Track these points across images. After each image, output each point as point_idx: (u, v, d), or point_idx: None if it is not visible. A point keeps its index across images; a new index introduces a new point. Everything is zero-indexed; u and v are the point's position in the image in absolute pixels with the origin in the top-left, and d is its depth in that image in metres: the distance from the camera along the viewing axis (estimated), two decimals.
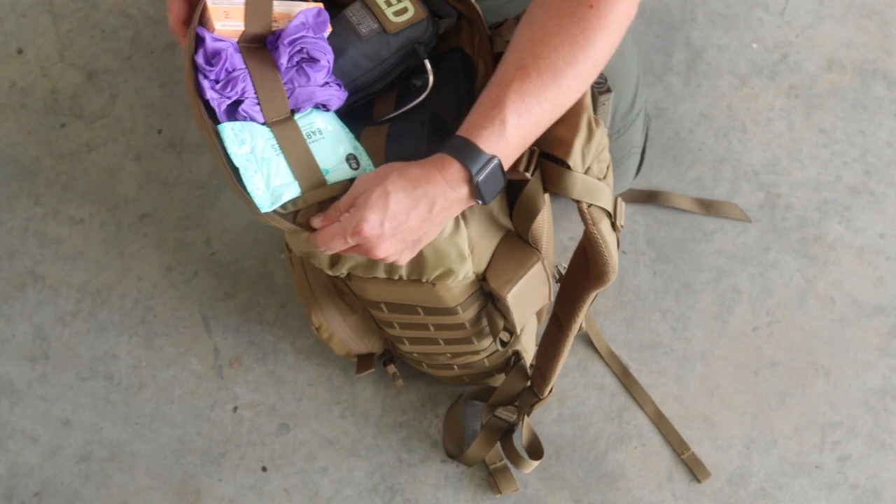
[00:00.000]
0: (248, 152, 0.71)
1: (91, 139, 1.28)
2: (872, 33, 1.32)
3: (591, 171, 0.75)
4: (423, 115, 0.78)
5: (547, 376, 0.96)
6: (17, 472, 1.13)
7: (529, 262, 0.81)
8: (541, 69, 0.70)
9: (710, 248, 1.21)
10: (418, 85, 0.79)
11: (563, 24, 0.70)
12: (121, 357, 1.17)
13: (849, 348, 1.16)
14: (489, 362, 1.01)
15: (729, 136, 1.27)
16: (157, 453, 1.13)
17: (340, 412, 1.15)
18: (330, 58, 0.75)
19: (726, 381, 1.15)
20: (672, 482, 1.11)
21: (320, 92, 0.75)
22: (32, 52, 1.33)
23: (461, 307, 0.85)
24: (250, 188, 0.71)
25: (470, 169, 0.69)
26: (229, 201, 1.25)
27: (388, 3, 0.79)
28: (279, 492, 1.11)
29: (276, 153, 0.72)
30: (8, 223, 1.24)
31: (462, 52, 0.81)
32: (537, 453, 1.08)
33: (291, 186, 0.72)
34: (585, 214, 0.75)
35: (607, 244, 0.76)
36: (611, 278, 0.79)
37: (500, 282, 0.80)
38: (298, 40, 0.74)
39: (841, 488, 1.10)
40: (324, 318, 0.95)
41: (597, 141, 0.75)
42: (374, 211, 0.68)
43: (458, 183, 0.69)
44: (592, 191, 0.74)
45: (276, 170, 0.72)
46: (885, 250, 1.21)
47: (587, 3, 0.70)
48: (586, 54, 0.70)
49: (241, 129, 0.72)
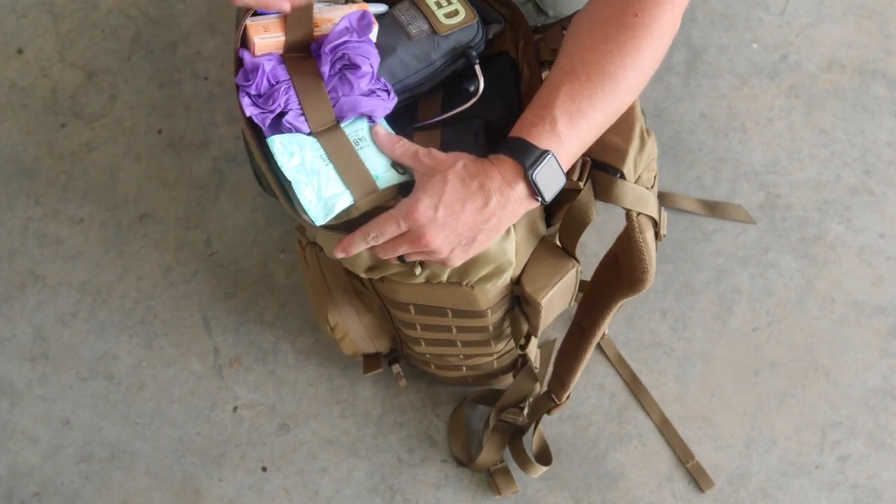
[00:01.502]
0: (298, 164, 0.71)
1: (91, 139, 1.28)
2: (872, 33, 1.32)
3: (641, 179, 0.75)
4: (475, 124, 0.77)
5: (566, 382, 0.96)
6: (18, 471, 1.13)
7: (565, 269, 0.81)
8: (590, 73, 0.70)
9: (710, 248, 1.21)
10: (471, 90, 0.78)
11: (609, 32, 0.71)
12: (121, 357, 1.18)
13: (849, 348, 1.16)
14: (497, 364, 1.01)
15: (729, 136, 1.27)
16: (157, 453, 1.13)
17: (340, 412, 1.15)
18: (374, 62, 0.73)
19: (726, 381, 1.15)
20: (672, 482, 1.11)
21: (365, 102, 0.73)
22: (32, 52, 1.33)
23: (491, 310, 0.85)
24: (303, 201, 0.70)
25: (523, 163, 0.68)
26: (229, 201, 1.25)
27: (438, 5, 0.78)
28: (279, 492, 1.11)
29: (324, 163, 0.71)
30: (8, 223, 1.24)
31: (508, 56, 0.81)
32: (546, 459, 1.08)
33: (344, 196, 0.71)
34: (634, 223, 0.75)
35: (650, 253, 0.77)
36: (647, 286, 0.79)
37: (535, 287, 0.80)
38: (340, 46, 0.72)
39: (841, 488, 1.10)
40: (340, 317, 0.94)
41: (648, 150, 0.75)
42: (429, 194, 0.68)
43: (514, 178, 0.69)
44: (641, 200, 0.75)
45: (326, 180, 0.71)
46: (885, 250, 1.21)
47: (632, 12, 0.71)
48: (634, 60, 0.71)
49: (290, 141, 0.71)
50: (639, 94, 0.74)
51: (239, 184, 1.25)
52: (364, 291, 0.92)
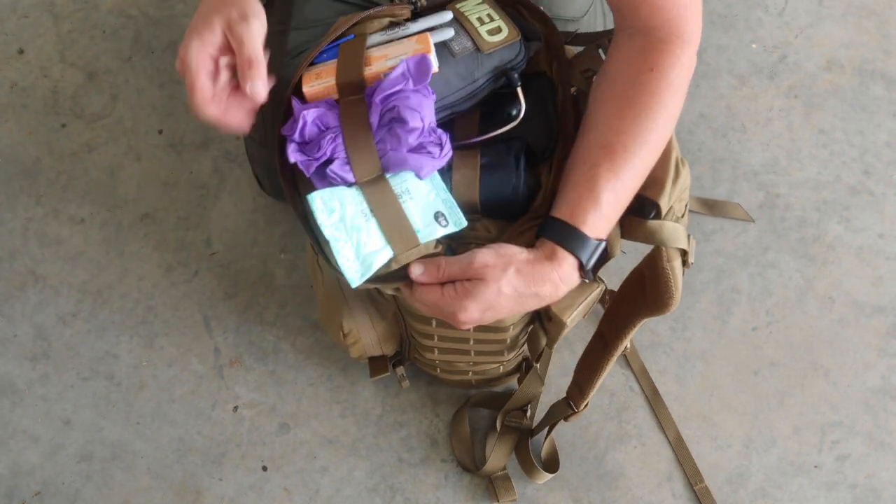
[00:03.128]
0: (338, 221, 0.68)
1: (91, 139, 1.29)
2: (871, 33, 1.32)
3: (673, 209, 0.75)
4: (515, 146, 0.75)
5: (585, 391, 0.96)
6: (19, 471, 1.13)
7: (590, 289, 0.81)
8: (625, 143, 0.71)
9: (710, 248, 1.21)
10: (513, 114, 0.76)
11: (630, 94, 0.72)
12: (121, 357, 1.18)
13: (848, 348, 1.16)
14: (503, 368, 1.02)
15: (728, 137, 1.27)
16: (157, 453, 1.13)
17: (340, 412, 1.15)
18: (427, 114, 0.69)
19: (726, 380, 1.15)
20: (672, 482, 1.11)
21: (413, 159, 0.69)
22: (33, 53, 1.34)
23: (513, 326, 0.85)
24: (340, 261, 0.68)
25: (581, 258, 0.70)
26: (229, 201, 1.25)
27: (481, 21, 0.76)
28: (279, 491, 1.11)
29: (366, 218, 0.69)
30: (9, 223, 1.24)
31: (546, 76, 0.79)
32: (553, 466, 1.08)
33: (384, 251, 0.69)
34: (662, 251, 0.75)
35: (676, 280, 0.77)
36: (672, 310, 0.79)
37: (561, 307, 0.79)
38: (392, 96, 0.69)
39: (840, 488, 1.10)
40: (354, 324, 0.93)
41: (682, 180, 0.75)
42: (479, 304, 0.69)
43: (571, 273, 0.70)
44: (672, 235, 0.75)
45: (366, 236, 0.68)
46: (885, 250, 1.21)
47: (647, 68, 0.72)
48: (662, 113, 0.72)
49: (331, 197, 0.68)
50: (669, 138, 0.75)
51: (239, 184, 1.26)
52: (380, 300, 0.91)
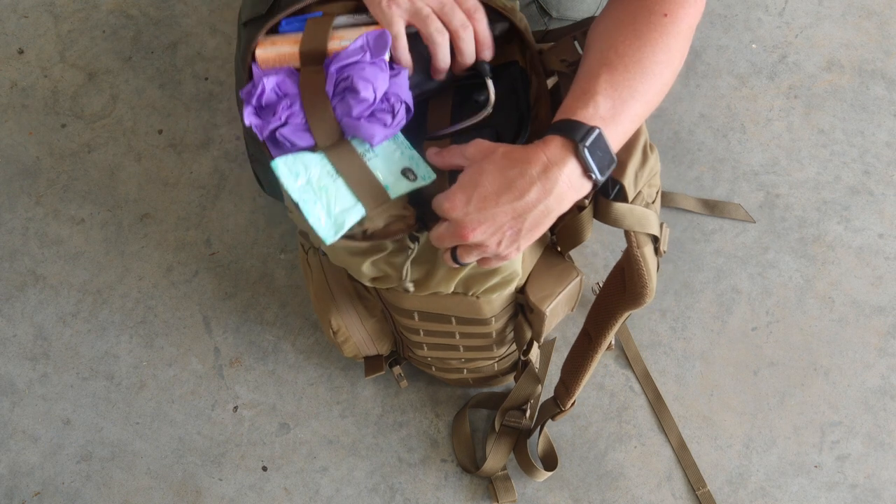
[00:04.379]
0: (305, 184, 0.70)
1: (92, 139, 1.29)
2: (871, 34, 1.32)
3: (642, 194, 0.75)
4: (486, 134, 0.76)
5: (571, 389, 0.96)
6: (18, 471, 1.13)
7: (569, 278, 0.81)
8: (627, 65, 0.70)
9: (710, 248, 1.21)
10: (481, 101, 0.77)
11: (640, 29, 0.72)
12: (121, 357, 1.18)
13: (848, 348, 1.16)
14: (498, 366, 1.02)
15: (728, 137, 1.27)
16: (157, 453, 1.13)
17: (340, 412, 1.15)
18: (379, 85, 0.71)
19: (726, 380, 1.15)
20: (672, 482, 1.11)
21: (364, 127, 0.71)
22: (33, 53, 1.34)
23: (495, 318, 0.85)
24: (312, 221, 0.69)
25: (573, 137, 0.66)
26: (229, 201, 1.25)
27: None
28: (279, 491, 1.11)
29: (333, 179, 0.71)
30: (9, 223, 1.24)
31: (517, 65, 0.80)
32: (552, 464, 1.08)
33: (355, 209, 0.70)
34: (632, 238, 0.75)
35: (649, 268, 0.77)
36: (647, 301, 0.79)
37: (539, 297, 0.80)
38: (347, 67, 0.71)
39: (840, 488, 1.10)
40: (343, 321, 0.94)
41: (650, 165, 0.75)
42: (463, 187, 0.67)
43: (563, 156, 0.67)
44: (642, 219, 0.75)
45: (335, 196, 0.70)
46: (884, 250, 1.21)
47: (661, 12, 0.72)
48: (667, 56, 0.72)
49: (294, 161, 0.70)
50: (668, 87, 0.74)
51: (239, 184, 1.26)
52: (367, 297, 0.92)
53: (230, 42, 1.34)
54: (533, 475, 1.08)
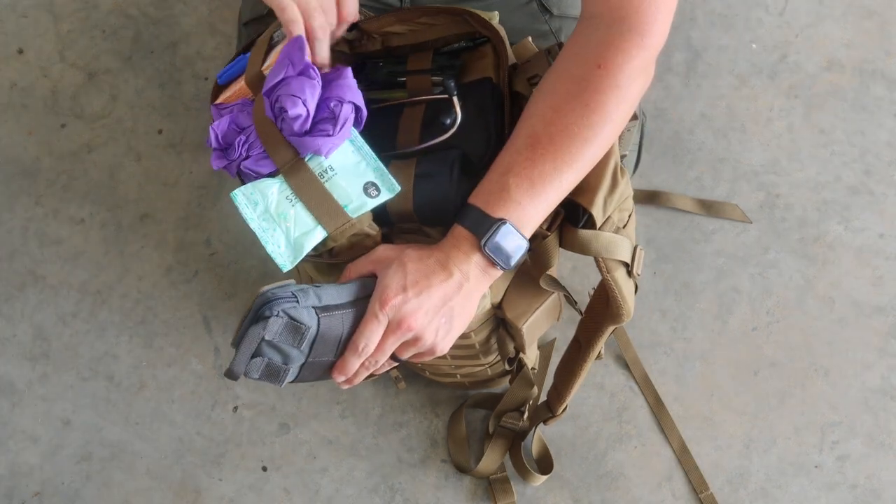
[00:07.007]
0: (263, 212, 0.71)
1: (91, 139, 1.29)
2: (872, 33, 1.32)
3: (612, 219, 0.75)
4: (452, 155, 0.76)
5: (563, 395, 0.97)
6: (18, 471, 1.13)
7: (544, 296, 0.81)
8: (552, 135, 0.70)
9: (710, 248, 1.21)
10: (447, 123, 0.77)
11: (572, 90, 0.71)
12: (121, 357, 1.18)
13: (848, 348, 1.16)
14: (491, 371, 1.02)
15: (728, 137, 1.27)
16: (157, 453, 1.13)
17: (340, 412, 1.15)
18: (308, 97, 0.69)
19: (726, 381, 1.15)
20: (672, 482, 1.11)
21: (310, 142, 0.70)
22: (33, 53, 1.34)
23: (474, 333, 0.86)
24: (270, 250, 0.70)
25: (476, 233, 0.69)
26: (229, 201, 1.25)
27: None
28: (279, 491, 1.11)
29: (291, 204, 0.71)
30: (8, 223, 1.24)
31: (490, 83, 0.79)
32: (547, 467, 1.08)
33: (315, 231, 0.70)
34: (601, 264, 0.76)
35: (621, 291, 0.77)
36: (625, 320, 0.80)
37: (515, 314, 0.81)
38: (276, 87, 0.70)
39: (840, 488, 1.10)
40: None
41: (620, 190, 0.75)
42: (393, 279, 0.69)
43: (470, 250, 0.70)
44: (609, 246, 0.75)
45: (294, 220, 0.70)
46: (885, 250, 1.21)
47: (595, 63, 0.70)
48: (601, 116, 0.70)
49: (252, 190, 0.71)
50: (613, 142, 0.73)
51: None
52: None
53: (230, 42, 1.34)
54: (528, 479, 1.08)
